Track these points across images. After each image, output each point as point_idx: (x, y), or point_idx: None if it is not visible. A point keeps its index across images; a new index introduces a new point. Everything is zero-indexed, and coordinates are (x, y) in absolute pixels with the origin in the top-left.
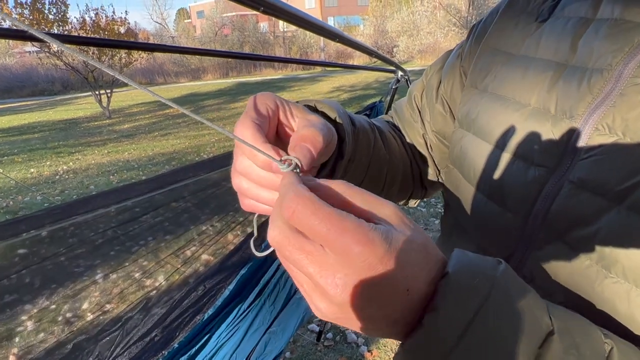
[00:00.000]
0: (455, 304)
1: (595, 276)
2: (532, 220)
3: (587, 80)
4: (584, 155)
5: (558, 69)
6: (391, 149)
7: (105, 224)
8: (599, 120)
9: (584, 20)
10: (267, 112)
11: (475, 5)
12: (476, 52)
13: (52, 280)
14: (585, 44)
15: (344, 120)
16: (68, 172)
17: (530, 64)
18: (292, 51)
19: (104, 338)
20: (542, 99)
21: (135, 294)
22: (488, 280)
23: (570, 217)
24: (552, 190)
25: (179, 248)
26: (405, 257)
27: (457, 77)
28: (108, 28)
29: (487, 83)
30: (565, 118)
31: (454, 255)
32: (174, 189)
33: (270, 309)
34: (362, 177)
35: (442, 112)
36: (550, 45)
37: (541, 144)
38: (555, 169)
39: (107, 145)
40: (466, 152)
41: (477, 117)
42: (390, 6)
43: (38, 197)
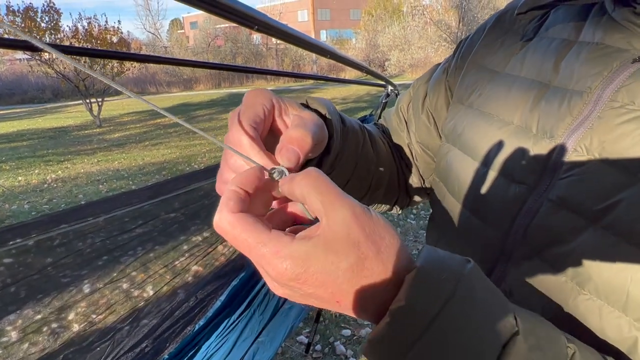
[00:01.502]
0: (421, 297)
1: (570, 292)
2: (512, 236)
3: (568, 102)
4: (562, 175)
5: (541, 89)
6: (379, 152)
7: (94, 233)
8: (577, 142)
9: (566, 42)
10: (263, 112)
11: (465, 21)
12: (462, 68)
13: (38, 290)
14: (567, 66)
15: (334, 118)
16: (57, 181)
17: (515, 82)
18: (284, 63)
19: (93, 350)
20: (525, 118)
21: (124, 305)
22: (455, 276)
23: (549, 234)
24: (532, 207)
25: (169, 259)
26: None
27: (442, 92)
28: (100, 37)
29: (472, 99)
30: (546, 137)
31: (424, 251)
32: (164, 199)
33: (259, 319)
34: (348, 177)
35: (426, 123)
36: (534, 65)
37: (522, 162)
38: (535, 187)
39: (97, 154)
40: (451, 166)
41: (463, 132)
42: (382, 21)
43: (26, 206)
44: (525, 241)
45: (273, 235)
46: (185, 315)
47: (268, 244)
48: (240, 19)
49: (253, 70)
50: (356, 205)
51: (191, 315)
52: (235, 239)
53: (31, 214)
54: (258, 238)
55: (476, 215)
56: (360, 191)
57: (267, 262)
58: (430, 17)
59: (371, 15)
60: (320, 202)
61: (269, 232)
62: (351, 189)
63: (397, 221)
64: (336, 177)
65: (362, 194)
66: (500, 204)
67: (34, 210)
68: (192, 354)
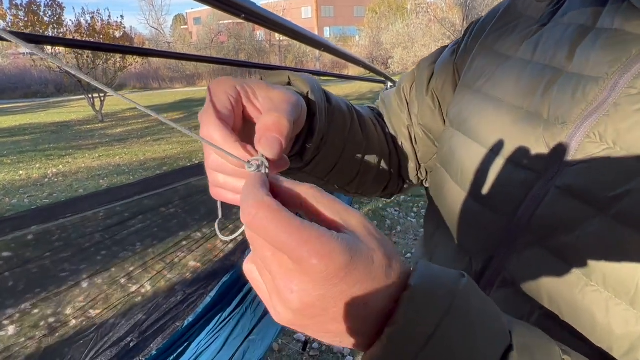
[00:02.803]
0: (416, 317)
1: (576, 283)
2: (516, 223)
3: (582, 88)
4: (572, 162)
5: (554, 75)
6: (369, 135)
7: (92, 227)
8: (590, 129)
9: (583, 28)
10: (229, 101)
11: (469, 19)
12: (472, 51)
13: (36, 284)
14: (583, 52)
15: (317, 96)
16: (57, 175)
17: (526, 67)
18: (287, 60)
19: (80, 341)
20: (536, 103)
21: (120, 300)
22: (450, 294)
23: (554, 222)
24: (538, 194)
25: (166, 253)
26: (365, 270)
27: (450, 74)
28: (103, 32)
29: (481, 84)
30: (558, 124)
31: (418, 268)
32: (163, 194)
33: (251, 317)
34: (335, 160)
35: (431, 106)
36: (548, 51)
37: (531, 148)
38: (543, 174)
39: (98, 149)
40: (455, 151)
41: (469, 117)
42: (386, 18)
43: (26, 200)
44: (530, 229)
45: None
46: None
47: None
48: (229, 7)
49: (255, 66)
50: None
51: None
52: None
53: (31, 208)
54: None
55: (479, 201)
56: (349, 175)
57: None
58: (434, 14)
59: (375, 12)
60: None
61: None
62: (339, 172)
63: (397, 219)
64: (323, 160)
65: (350, 177)
66: (506, 189)
67: (34, 204)
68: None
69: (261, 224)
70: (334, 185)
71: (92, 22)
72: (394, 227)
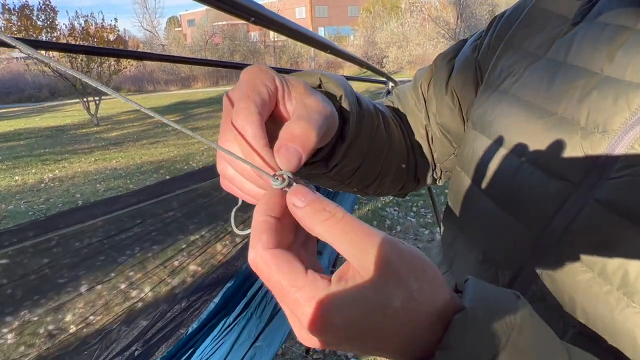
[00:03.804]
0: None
1: (615, 303)
2: (548, 236)
3: (625, 95)
4: (614, 175)
5: (591, 78)
6: (392, 135)
7: (91, 234)
8: (635, 139)
9: (623, 28)
10: (267, 95)
11: (463, 17)
12: (497, 48)
13: (34, 292)
14: (625, 55)
15: (350, 101)
16: (54, 180)
17: (559, 69)
18: (282, 60)
19: (84, 351)
20: (572, 109)
21: (120, 306)
22: (509, 319)
23: (592, 238)
24: (574, 206)
25: (167, 259)
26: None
27: (472, 72)
28: (97, 35)
29: (507, 84)
30: (597, 132)
31: (470, 286)
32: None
33: (256, 323)
34: (359, 163)
35: (450, 105)
36: (584, 52)
37: (567, 157)
38: (579, 185)
39: (94, 153)
40: (478, 155)
41: (494, 119)
42: (380, 17)
43: (22, 206)
44: (564, 242)
45: (309, 280)
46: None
47: (303, 289)
48: (239, 11)
49: None
50: (391, 239)
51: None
52: (268, 279)
53: (28, 214)
54: (293, 282)
55: (507, 210)
56: (370, 177)
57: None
58: (429, 13)
59: (369, 12)
60: (349, 242)
61: (304, 275)
62: (361, 175)
63: (397, 219)
64: (347, 163)
65: (371, 179)
66: (537, 200)
67: (31, 210)
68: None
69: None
70: (353, 188)
71: (85, 26)
72: (393, 227)
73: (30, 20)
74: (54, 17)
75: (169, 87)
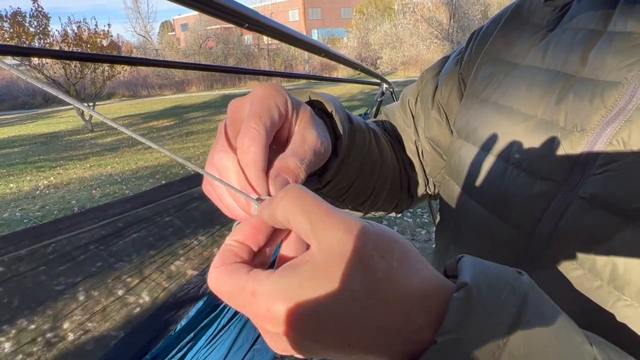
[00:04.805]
0: (481, 326)
1: (606, 298)
2: (537, 237)
3: (601, 93)
4: (596, 171)
5: (567, 81)
6: (383, 152)
7: (87, 239)
8: (613, 135)
9: (594, 32)
10: (278, 118)
11: (456, 18)
12: (477, 60)
13: (31, 299)
14: (597, 57)
15: (341, 116)
16: (49, 187)
17: (537, 74)
18: (276, 63)
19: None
20: (550, 111)
21: (118, 312)
22: (516, 295)
23: (580, 235)
24: (560, 205)
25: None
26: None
27: (456, 85)
28: (90, 41)
29: (488, 93)
30: (576, 131)
31: (467, 263)
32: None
33: (254, 326)
34: (352, 179)
35: (438, 118)
36: (559, 56)
37: (549, 157)
38: (563, 183)
39: (89, 159)
40: (465, 162)
41: (478, 127)
42: (373, 19)
43: (17, 213)
44: (553, 242)
45: (250, 276)
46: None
47: (245, 287)
48: (232, 17)
49: (245, 72)
50: (351, 218)
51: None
52: (221, 293)
53: (23, 222)
54: (236, 284)
55: (496, 214)
56: (364, 194)
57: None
58: (421, 14)
59: (362, 13)
60: (308, 221)
61: (246, 274)
62: (355, 192)
63: (393, 219)
64: (340, 180)
65: (365, 197)
66: (524, 201)
67: (26, 217)
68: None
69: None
70: (347, 205)
71: (78, 32)
72: (390, 227)
73: (22, 27)
74: (46, 23)
75: (164, 92)
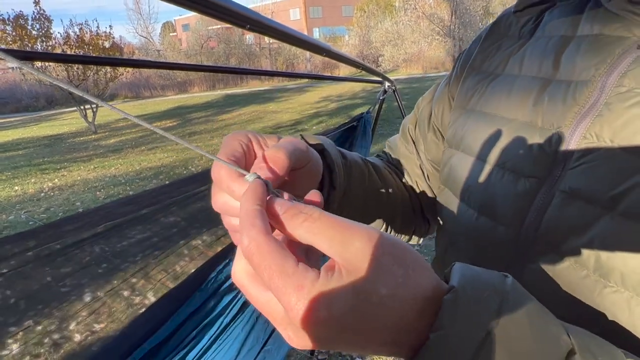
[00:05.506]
0: (465, 320)
1: (593, 286)
2: (524, 233)
3: (572, 92)
4: (573, 164)
5: (543, 84)
6: (387, 182)
7: (92, 240)
8: (586, 130)
9: (564, 38)
10: (241, 147)
11: (457, 14)
12: (461, 77)
13: (38, 301)
14: (568, 59)
15: (332, 150)
16: (53, 189)
17: (515, 81)
18: (278, 62)
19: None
20: (529, 113)
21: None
22: (497, 294)
23: (563, 227)
24: (543, 201)
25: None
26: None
27: (446, 103)
28: (92, 43)
29: (473, 103)
30: (553, 129)
31: (457, 269)
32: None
33: (264, 327)
34: (359, 211)
35: (435, 140)
36: (534, 63)
37: (530, 156)
38: (545, 179)
39: (93, 160)
40: (455, 169)
41: (465, 134)
42: (375, 16)
43: (22, 216)
44: (540, 237)
45: (300, 269)
46: None
47: (292, 276)
48: (233, 18)
49: (247, 72)
50: (370, 231)
51: None
52: (259, 264)
53: (29, 224)
54: (283, 267)
55: (485, 214)
56: (377, 225)
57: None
58: (423, 11)
59: (363, 11)
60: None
61: (295, 264)
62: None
63: None
64: (348, 213)
65: (379, 227)
66: (510, 200)
67: (32, 220)
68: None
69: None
70: None
71: (80, 34)
72: None
73: (25, 29)
74: (48, 26)
75: (166, 93)
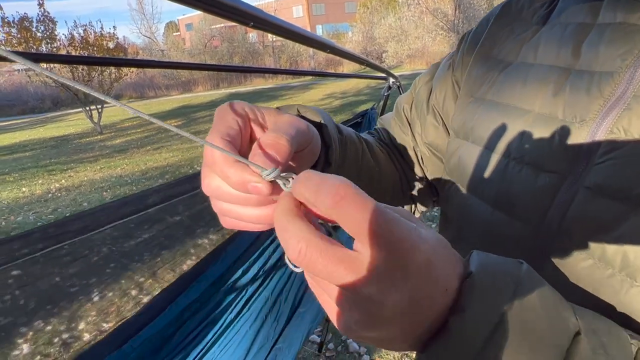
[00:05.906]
0: (482, 305)
1: (619, 286)
2: (545, 229)
3: (597, 84)
4: (599, 160)
5: (562, 74)
6: (379, 161)
7: (100, 240)
8: (613, 124)
9: (583, 25)
10: (236, 123)
11: (461, 9)
12: (469, 61)
13: (47, 301)
14: (590, 49)
15: (329, 125)
16: (60, 190)
17: (530, 70)
18: (281, 60)
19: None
20: (548, 104)
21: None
22: (513, 279)
23: (588, 224)
24: (566, 196)
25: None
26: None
27: (450, 88)
28: (97, 44)
29: (483, 92)
30: (576, 122)
31: (475, 256)
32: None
33: (274, 325)
34: None
35: (434, 123)
36: (551, 51)
37: (550, 149)
38: (567, 175)
39: (99, 161)
40: (464, 161)
41: (475, 125)
42: (378, 12)
43: (31, 217)
44: (561, 234)
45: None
46: None
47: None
48: (237, 16)
49: (251, 70)
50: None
51: None
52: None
53: (37, 225)
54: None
55: (501, 210)
56: None
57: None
58: (426, 6)
59: (366, 7)
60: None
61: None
62: None
63: None
64: None
65: None
66: (529, 195)
67: (40, 220)
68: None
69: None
70: None
71: (84, 35)
72: None
73: (30, 32)
74: (53, 27)
75: (170, 92)
